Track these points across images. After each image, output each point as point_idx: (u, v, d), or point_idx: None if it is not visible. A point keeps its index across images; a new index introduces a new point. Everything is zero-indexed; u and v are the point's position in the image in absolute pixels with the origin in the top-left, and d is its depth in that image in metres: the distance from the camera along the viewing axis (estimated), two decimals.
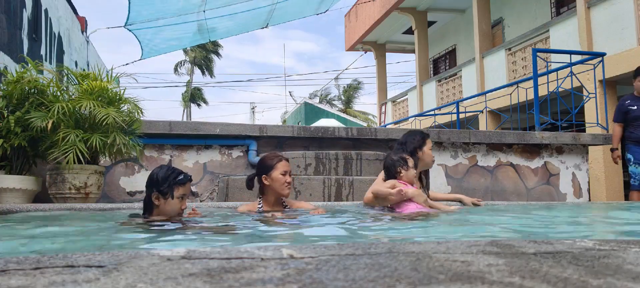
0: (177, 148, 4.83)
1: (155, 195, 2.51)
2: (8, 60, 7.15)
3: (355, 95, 35.32)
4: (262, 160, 3.11)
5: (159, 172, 2.53)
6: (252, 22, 11.03)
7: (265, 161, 3.06)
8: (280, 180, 3.00)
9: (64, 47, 11.11)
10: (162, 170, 2.55)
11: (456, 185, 5.30)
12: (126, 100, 4.19)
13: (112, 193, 4.61)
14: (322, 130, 5.12)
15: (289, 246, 1.13)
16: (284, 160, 3.06)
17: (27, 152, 3.90)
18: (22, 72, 4.00)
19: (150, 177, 2.56)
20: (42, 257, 0.99)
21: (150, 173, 2.59)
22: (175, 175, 2.52)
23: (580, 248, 1.15)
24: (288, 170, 3.05)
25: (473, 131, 5.65)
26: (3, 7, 7.20)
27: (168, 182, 2.50)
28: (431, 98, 14.98)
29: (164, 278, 0.83)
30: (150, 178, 2.56)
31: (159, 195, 2.51)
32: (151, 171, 2.60)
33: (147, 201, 2.58)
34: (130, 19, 9.07)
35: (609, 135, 5.85)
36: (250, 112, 39.94)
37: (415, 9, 15.41)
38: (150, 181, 2.54)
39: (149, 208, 2.58)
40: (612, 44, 8.35)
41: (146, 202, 2.59)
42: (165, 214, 2.53)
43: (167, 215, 2.53)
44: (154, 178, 2.53)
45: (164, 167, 2.60)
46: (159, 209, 2.54)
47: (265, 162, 3.06)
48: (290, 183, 3.05)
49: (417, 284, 0.80)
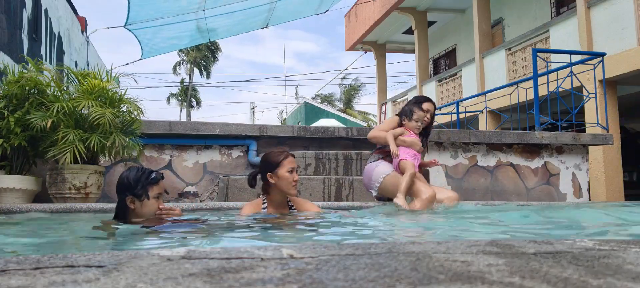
0: (177, 148, 4.83)
1: (130, 199, 2.39)
2: (8, 60, 7.15)
3: (355, 95, 35.33)
4: (268, 156, 2.86)
5: (129, 175, 2.41)
6: (251, 22, 11.04)
7: (271, 157, 2.83)
8: (288, 178, 2.77)
9: (64, 47, 11.11)
10: (131, 172, 2.42)
11: (456, 185, 5.30)
12: (126, 100, 4.19)
13: (112, 193, 4.60)
14: (322, 130, 5.12)
15: (289, 246, 1.13)
16: (291, 156, 2.85)
17: (27, 151, 3.90)
18: (22, 72, 4.00)
19: (121, 181, 2.42)
20: (42, 257, 0.99)
21: (120, 177, 2.44)
22: (147, 175, 2.41)
23: (580, 248, 1.15)
24: (295, 167, 2.83)
25: (473, 131, 5.65)
26: (3, 7, 7.20)
27: (141, 184, 2.37)
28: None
29: (164, 278, 0.83)
30: (121, 182, 2.42)
31: (133, 198, 2.39)
32: (120, 175, 2.46)
33: (121, 206, 2.44)
34: (130, 18, 9.07)
35: (608, 135, 5.85)
36: (250, 112, 39.94)
37: (415, 9, 15.41)
38: (122, 185, 2.41)
39: (123, 213, 2.45)
40: (612, 44, 8.35)
41: (120, 207, 2.45)
42: (142, 216, 2.42)
43: (144, 216, 2.43)
44: (125, 182, 2.40)
45: (132, 169, 2.46)
46: (136, 212, 2.42)
47: (271, 158, 2.82)
48: (297, 181, 2.84)
49: (417, 284, 0.80)
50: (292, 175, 2.79)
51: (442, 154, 5.32)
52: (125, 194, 2.38)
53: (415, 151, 3.57)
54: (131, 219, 2.43)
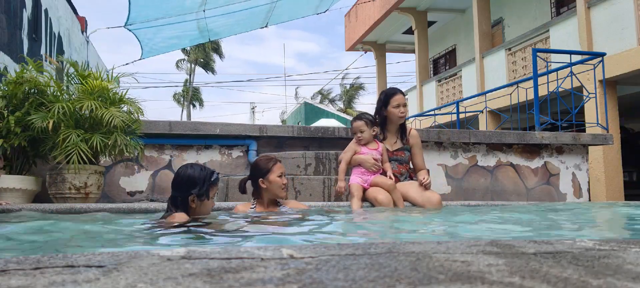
0: (177, 148, 4.83)
1: (192, 197, 2.31)
2: (8, 60, 7.15)
3: (356, 95, 35.32)
4: (257, 164, 3.10)
5: (193, 173, 2.33)
6: (251, 21, 11.03)
7: (261, 164, 3.07)
8: (278, 182, 3.02)
9: (64, 47, 11.11)
10: (195, 170, 2.35)
11: (456, 185, 5.30)
12: (126, 101, 4.19)
13: (112, 193, 4.60)
14: (322, 130, 5.12)
15: (289, 246, 1.13)
16: (279, 162, 3.10)
17: (27, 152, 3.90)
18: (22, 71, 4.00)
19: (186, 178, 2.33)
20: (42, 257, 0.99)
21: (181, 174, 2.36)
22: (210, 174, 2.38)
23: (580, 248, 1.15)
24: (284, 172, 3.10)
25: (473, 131, 5.65)
26: (3, 7, 7.20)
27: (206, 183, 2.33)
28: (431, 98, 14.98)
29: (164, 278, 0.83)
30: (184, 179, 2.33)
31: (195, 197, 2.32)
32: (180, 172, 2.37)
33: (179, 204, 2.34)
34: (130, 18, 9.07)
35: (608, 135, 5.85)
36: (250, 112, 39.93)
37: (415, 9, 15.41)
38: (184, 182, 2.32)
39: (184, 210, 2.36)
40: (612, 44, 8.35)
41: (178, 204, 2.34)
42: (197, 215, 2.37)
43: (198, 215, 2.38)
44: (190, 179, 2.31)
45: (195, 166, 2.39)
46: (194, 211, 2.36)
47: (261, 166, 3.06)
48: (286, 184, 3.10)
49: (417, 284, 0.80)
50: (281, 180, 3.04)
51: (442, 154, 5.32)
52: (188, 192, 2.30)
53: (364, 169, 3.62)
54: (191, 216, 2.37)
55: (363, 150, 3.65)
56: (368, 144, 3.68)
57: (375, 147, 3.69)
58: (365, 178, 3.60)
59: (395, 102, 3.75)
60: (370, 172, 3.61)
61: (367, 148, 3.66)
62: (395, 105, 3.76)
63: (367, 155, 3.63)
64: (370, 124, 3.68)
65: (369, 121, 3.68)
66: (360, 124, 3.69)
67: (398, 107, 3.76)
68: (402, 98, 3.79)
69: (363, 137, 3.65)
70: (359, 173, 3.62)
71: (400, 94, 3.79)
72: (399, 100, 3.76)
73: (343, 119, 27.61)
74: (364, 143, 3.67)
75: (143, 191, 4.69)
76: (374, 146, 3.69)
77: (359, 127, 3.67)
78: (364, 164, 3.61)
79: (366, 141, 3.67)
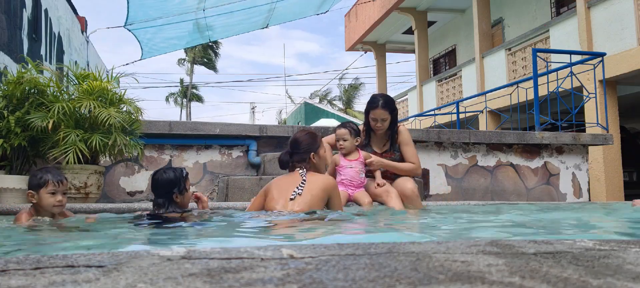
0: (177, 148, 4.83)
1: (176, 194, 2.74)
2: (8, 60, 7.15)
3: (355, 95, 35.30)
4: (311, 137, 3.04)
5: (169, 175, 2.75)
6: (252, 22, 11.04)
7: (315, 138, 3.06)
8: (326, 158, 3.15)
9: (64, 47, 11.11)
10: (169, 173, 2.76)
11: (456, 185, 5.30)
12: (126, 101, 4.20)
13: (112, 193, 4.60)
14: (322, 131, 5.12)
15: (289, 246, 1.13)
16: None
17: (27, 152, 3.90)
18: (22, 71, 4.00)
19: (165, 181, 2.73)
20: (42, 257, 0.99)
21: (159, 179, 2.74)
22: (181, 171, 2.80)
23: (580, 248, 1.15)
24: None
25: (473, 131, 5.65)
26: (3, 7, 7.20)
27: (182, 179, 2.75)
28: (431, 98, 14.98)
29: (164, 278, 0.83)
30: (164, 182, 2.74)
31: (177, 194, 2.74)
32: (158, 178, 2.75)
33: (166, 202, 2.74)
34: (129, 18, 9.07)
35: (608, 135, 5.85)
36: (250, 112, 39.93)
37: (415, 9, 15.41)
38: (166, 184, 2.73)
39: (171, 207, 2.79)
40: (612, 44, 8.35)
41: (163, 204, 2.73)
42: (184, 206, 2.81)
43: (185, 206, 2.81)
44: (170, 181, 2.73)
45: (167, 169, 2.80)
46: (179, 204, 2.78)
47: (314, 140, 3.04)
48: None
49: (417, 284, 0.80)
50: (328, 154, 3.22)
51: (442, 154, 5.32)
52: (172, 191, 2.74)
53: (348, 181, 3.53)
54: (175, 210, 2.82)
55: (342, 163, 3.54)
56: (349, 153, 3.56)
57: (356, 158, 3.55)
58: (350, 192, 3.50)
59: (372, 115, 3.65)
60: (353, 185, 3.51)
61: (346, 160, 3.54)
62: (373, 119, 3.66)
63: (345, 169, 3.52)
64: (354, 133, 3.54)
65: (353, 130, 3.55)
66: (343, 132, 3.54)
67: (375, 121, 3.65)
68: (380, 113, 3.62)
69: (345, 146, 3.52)
70: (342, 187, 3.47)
71: (379, 110, 3.62)
72: (376, 115, 3.63)
73: (343, 119, 27.62)
74: (345, 152, 3.55)
75: (143, 191, 4.69)
76: (354, 156, 3.56)
77: (342, 135, 3.53)
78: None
79: (348, 151, 3.55)
